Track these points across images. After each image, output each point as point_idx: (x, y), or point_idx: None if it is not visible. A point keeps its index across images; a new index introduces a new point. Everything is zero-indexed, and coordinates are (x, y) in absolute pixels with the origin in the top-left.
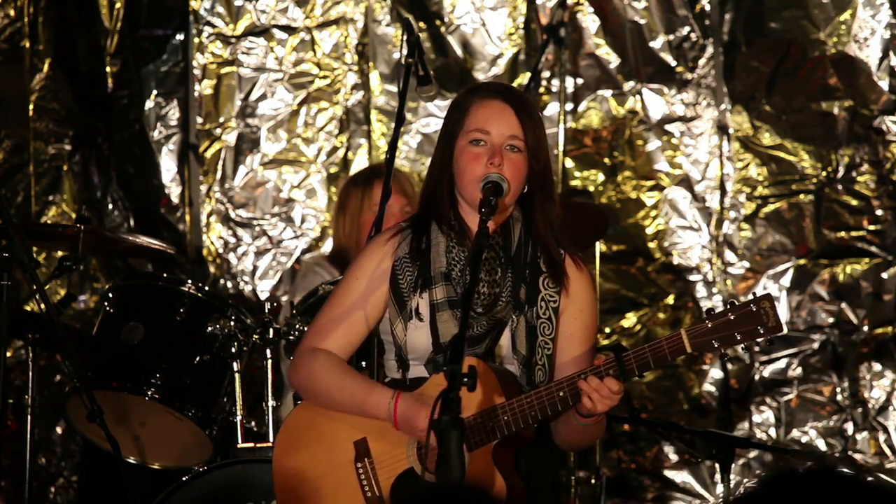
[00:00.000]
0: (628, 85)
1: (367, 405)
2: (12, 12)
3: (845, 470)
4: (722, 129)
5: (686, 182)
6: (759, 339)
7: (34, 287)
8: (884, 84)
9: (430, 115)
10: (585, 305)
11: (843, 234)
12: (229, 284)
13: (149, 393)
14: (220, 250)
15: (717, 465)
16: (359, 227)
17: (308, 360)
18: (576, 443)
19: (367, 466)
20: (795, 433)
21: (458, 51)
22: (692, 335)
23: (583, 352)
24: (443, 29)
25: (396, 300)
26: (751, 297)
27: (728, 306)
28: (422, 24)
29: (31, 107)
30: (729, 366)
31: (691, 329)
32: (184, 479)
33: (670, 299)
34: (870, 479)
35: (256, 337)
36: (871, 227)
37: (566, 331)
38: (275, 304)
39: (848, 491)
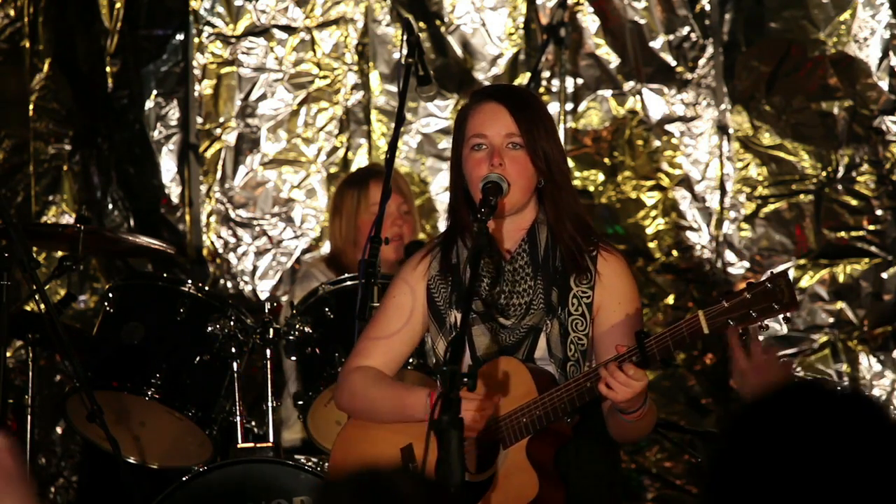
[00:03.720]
0: (628, 85)
1: (406, 407)
2: (12, 12)
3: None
4: (722, 129)
5: (686, 182)
6: (774, 315)
7: (34, 287)
8: (884, 84)
9: (430, 115)
10: (623, 295)
11: (843, 234)
12: (229, 284)
13: (149, 393)
14: (220, 250)
15: None
16: (356, 227)
17: (348, 379)
18: (628, 437)
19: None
20: None
21: (458, 51)
22: (709, 316)
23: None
24: (443, 29)
25: (435, 318)
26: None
27: (745, 286)
28: (422, 24)
29: (31, 107)
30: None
31: (708, 310)
32: (184, 479)
33: (670, 299)
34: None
35: (256, 337)
36: (871, 227)
37: (608, 322)
38: (275, 304)
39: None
